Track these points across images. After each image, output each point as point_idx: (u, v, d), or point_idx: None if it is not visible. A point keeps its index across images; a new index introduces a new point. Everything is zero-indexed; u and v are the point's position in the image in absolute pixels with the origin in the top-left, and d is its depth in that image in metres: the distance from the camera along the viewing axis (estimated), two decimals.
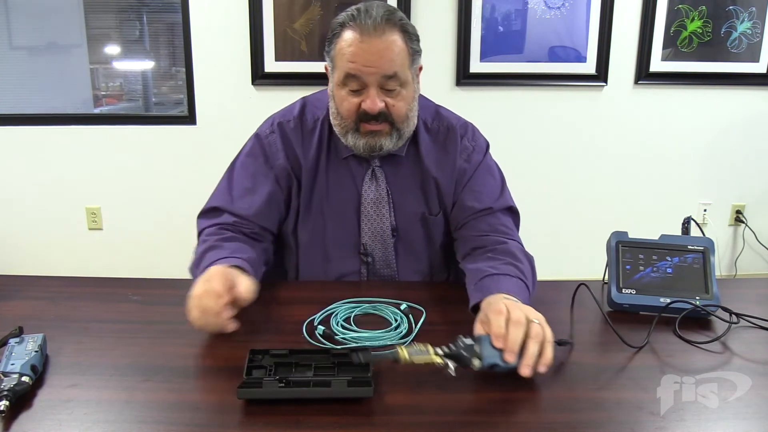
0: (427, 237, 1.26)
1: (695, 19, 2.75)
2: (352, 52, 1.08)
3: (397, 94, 1.12)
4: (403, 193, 1.23)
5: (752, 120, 2.91)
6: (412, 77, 1.14)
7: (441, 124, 1.25)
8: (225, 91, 2.77)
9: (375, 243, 1.24)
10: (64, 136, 2.82)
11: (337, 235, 1.23)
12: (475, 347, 0.80)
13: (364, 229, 1.23)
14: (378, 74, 1.08)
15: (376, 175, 1.22)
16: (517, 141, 2.87)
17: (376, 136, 1.14)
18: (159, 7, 2.74)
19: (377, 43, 1.07)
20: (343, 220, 1.23)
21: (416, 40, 1.14)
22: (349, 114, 1.13)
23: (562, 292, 1.11)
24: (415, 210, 1.24)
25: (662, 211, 2.92)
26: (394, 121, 1.13)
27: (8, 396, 0.73)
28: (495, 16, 2.71)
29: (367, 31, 1.07)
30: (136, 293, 1.12)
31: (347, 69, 1.09)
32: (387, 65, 1.08)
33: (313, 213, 1.23)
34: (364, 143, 1.14)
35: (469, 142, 1.25)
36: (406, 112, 1.14)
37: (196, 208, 1.23)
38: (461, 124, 1.27)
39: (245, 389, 0.76)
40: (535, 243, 1.39)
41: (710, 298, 1.04)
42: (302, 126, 1.23)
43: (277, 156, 1.21)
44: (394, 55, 1.08)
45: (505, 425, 0.75)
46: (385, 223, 1.23)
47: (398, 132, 1.15)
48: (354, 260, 1.25)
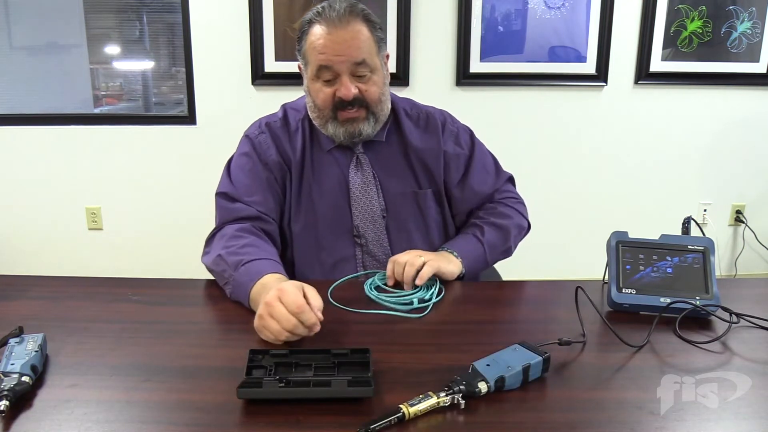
0: (419, 213, 1.32)
1: (695, 19, 2.75)
2: (322, 44, 1.15)
3: (368, 80, 1.19)
4: (390, 174, 1.30)
5: (752, 120, 2.91)
6: (381, 64, 1.22)
7: (420, 111, 1.35)
8: (225, 91, 2.77)
9: (366, 224, 1.29)
10: (64, 136, 2.82)
11: (328, 221, 1.29)
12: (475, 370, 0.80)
13: (355, 212, 1.28)
14: (348, 62, 1.16)
15: (360, 161, 1.29)
16: (517, 141, 2.87)
17: (354, 122, 1.21)
18: (159, 7, 2.74)
19: (343, 34, 1.15)
20: (334, 206, 1.29)
21: (379, 28, 1.22)
22: (325, 104, 1.20)
23: (562, 292, 1.11)
24: (403, 189, 1.31)
25: (662, 211, 2.92)
26: (368, 105, 1.21)
27: (8, 396, 0.73)
28: (495, 16, 2.71)
29: (333, 23, 1.15)
30: (136, 293, 1.12)
31: (319, 61, 1.16)
32: (355, 52, 1.16)
33: (303, 204, 1.28)
34: (343, 131, 1.22)
35: (452, 126, 1.35)
36: (379, 95, 1.22)
37: (196, 207, 1.24)
38: (438, 111, 1.36)
39: (245, 389, 0.76)
40: (535, 243, 1.40)
41: (710, 298, 1.04)
42: (287, 126, 1.30)
43: (269, 152, 1.28)
44: (361, 43, 1.16)
45: (505, 425, 0.74)
46: (374, 205, 1.29)
47: (374, 116, 1.23)
48: (347, 243, 1.30)
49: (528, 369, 0.81)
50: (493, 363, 0.81)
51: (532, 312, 1.12)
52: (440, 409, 0.75)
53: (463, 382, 0.77)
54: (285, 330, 0.89)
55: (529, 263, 2.34)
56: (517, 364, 0.80)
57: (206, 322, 1.06)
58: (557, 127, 2.88)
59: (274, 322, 0.90)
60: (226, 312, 1.08)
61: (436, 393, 0.75)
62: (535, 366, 0.81)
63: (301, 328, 0.89)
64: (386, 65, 1.25)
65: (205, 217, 1.35)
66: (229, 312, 1.08)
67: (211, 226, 1.25)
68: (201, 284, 1.19)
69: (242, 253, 1.11)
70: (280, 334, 0.90)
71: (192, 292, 1.18)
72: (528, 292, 1.24)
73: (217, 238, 1.20)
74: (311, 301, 0.91)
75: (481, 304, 1.12)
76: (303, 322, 0.89)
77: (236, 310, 1.07)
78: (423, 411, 0.73)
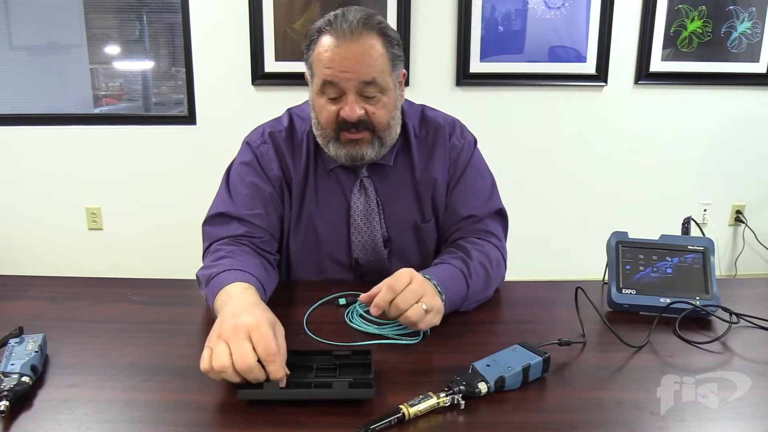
0: (420, 244, 1.24)
1: (695, 19, 2.75)
2: (329, 58, 1.05)
3: (377, 101, 1.08)
4: (394, 202, 1.21)
5: (752, 120, 2.91)
6: (394, 84, 1.11)
7: (429, 127, 1.23)
8: (225, 91, 2.77)
9: (367, 255, 1.22)
10: (64, 136, 2.82)
11: (328, 249, 1.21)
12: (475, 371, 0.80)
13: (355, 242, 1.21)
14: (355, 80, 1.05)
15: (364, 186, 1.19)
16: (517, 141, 2.87)
17: (356, 145, 1.11)
18: (159, 7, 2.74)
19: (353, 48, 1.04)
20: (334, 234, 1.20)
21: (397, 45, 1.10)
22: (328, 123, 1.10)
23: (562, 292, 1.11)
24: (407, 218, 1.22)
25: (662, 211, 2.92)
26: (375, 129, 1.10)
27: (8, 396, 0.73)
28: (495, 16, 2.71)
29: (342, 35, 1.04)
30: (136, 293, 1.12)
31: (324, 75, 1.06)
32: (365, 70, 1.05)
33: (303, 226, 1.21)
34: (345, 153, 1.12)
35: (458, 140, 1.23)
36: (388, 120, 1.11)
37: (196, 207, 1.23)
38: (449, 122, 1.25)
39: (246, 390, 0.76)
40: (535, 243, 1.40)
41: (710, 298, 1.03)
42: (292, 137, 1.21)
43: (270, 166, 1.19)
44: (372, 60, 1.05)
45: (505, 425, 0.74)
46: (377, 236, 1.20)
47: (380, 140, 1.12)
48: (347, 272, 1.23)
49: (528, 369, 0.80)
50: (493, 363, 0.81)
51: (532, 312, 1.11)
52: (440, 409, 0.75)
53: (463, 383, 0.77)
54: (236, 371, 0.74)
55: (529, 263, 2.35)
56: (517, 364, 0.80)
57: (206, 322, 1.06)
58: (557, 127, 2.88)
59: (226, 355, 0.74)
60: None
61: (436, 393, 0.75)
62: (535, 366, 0.81)
63: (257, 375, 0.74)
64: (401, 86, 1.15)
65: (205, 217, 1.34)
66: None
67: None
68: None
69: (214, 266, 1.01)
70: (225, 371, 0.73)
71: (192, 292, 1.17)
72: (528, 292, 1.23)
73: (205, 259, 1.10)
74: (281, 350, 0.77)
75: (481, 304, 1.11)
76: (269, 372, 0.74)
77: None
78: (423, 411, 0.73)
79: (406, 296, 0.88)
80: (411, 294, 0.89)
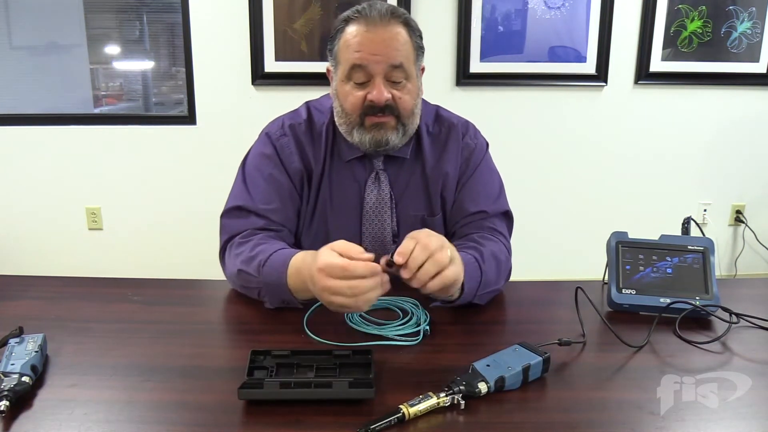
0: None
1: (695, 19, 2.75)
2: (359, 42, 1.08)
3: (404, 87, 1.11)
4: (406, 195, 1.23)
5: (752, 120, 2.91)
6: (417, 73, 1.15)
7: (442, 125, 1.26)
8: (225, 91, 2.77)
9: (374, 249, 1.21)
10: (64, 136, 2.82)
11: (336, 239, 1.22)
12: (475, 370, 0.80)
13: (365, 234, 1.22)
14: (385, 63, 1.08)
15: (379, 178, 1.21)
16: (517, 141, 2.87)
17: (382, 129, 1.12)
18: (159, 7, 2.74)
19: (383, 33, 1.08)
20: (345, 227, 1.21)
21: (419, 36, 1.14)
22: (354, 108, 1.12)
23: (562, 292, 1.11)
24: (416, 212, 1.23)
25: (662, 211, 2.91)
26: (400, 114, 1.12)
27: (8, 396, 0.73)
28: (495, 16, 2.71)
29: (373, 21, 1.08)
30: (136, 293, 1.12)
31: (353, 59, 1.08)
32: (393, 54, 1.08)
33: (316, 220, 1.22)
34: (370, 138, 1.13)
35: (471, 140, 1.26)
36: (412, 107, 1.14)
37: (197, 207, 1.23)
38: (462, 122, 1.28)
39: (246, 390, 0.76)
40: (535, 243, 1.39)
41: (710, 298, 1.04)
42: (311, 130, 1.22)
43: (291, 159, 1.19)
44: (400, 45, 1.09)
45: (505, 425, 0.75)
46: (386, 229, 1.22)
47: (404, 127, 1.14)
48: None
49: (528, 369, 0.81)
50: (493, 363, 0.81)
51: (532, 312, 1.12)
52: (440, 409, 0.75)
53: (463, 383, 0.77)
54: (361, 296, 0.85)
55: (529, 263, 2.34)
56: (517, 364, 0.80)
57: (206, 322, 1.06)
58: (557, 127, 2.88)
59: (341, 298, 0.86)
60: (227, 312, 1.09)
61: (436, 393, 0.75)
62: (535, 366, 0.81)
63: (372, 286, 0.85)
64: (421, 78, 1.17)
65: (205, 217, 1.33)
66: (230, 312, 1.08)
67: (210, 225, 1.23)
68: (201, 284, 1.19)
69: (256, 254, 1.04)
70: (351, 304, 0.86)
71: (192, 292, 1.18)
72: (528, 292, 1.23)
73: (228, 255, 1.13)
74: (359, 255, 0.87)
75: (481, 304, 1.11)
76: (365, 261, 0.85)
77: (237, 310, 1.07)
78: (423, 411, 0.73)
79: (431, 238, 0.90)
80: (434, 238, 0.91)
